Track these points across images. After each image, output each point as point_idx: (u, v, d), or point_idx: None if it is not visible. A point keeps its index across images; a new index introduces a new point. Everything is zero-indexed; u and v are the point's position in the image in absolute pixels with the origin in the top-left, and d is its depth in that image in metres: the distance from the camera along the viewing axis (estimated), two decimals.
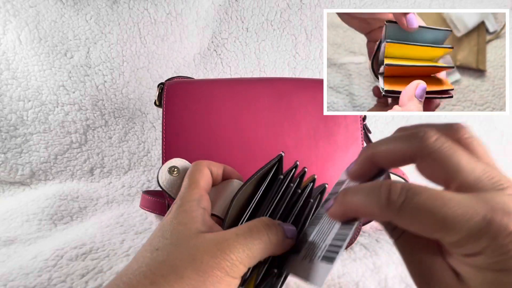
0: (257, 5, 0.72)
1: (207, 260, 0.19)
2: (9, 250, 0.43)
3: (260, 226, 0.21)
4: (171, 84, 0.46)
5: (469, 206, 0.15)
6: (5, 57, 0.61)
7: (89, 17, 0.63)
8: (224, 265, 0.19)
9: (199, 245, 0.20)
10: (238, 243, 0.20)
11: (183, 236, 0.21)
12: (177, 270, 0.18)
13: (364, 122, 0.46)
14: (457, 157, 0.17)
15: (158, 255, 0.19)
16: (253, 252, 0.20)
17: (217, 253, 0.19)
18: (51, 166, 0.65)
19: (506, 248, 0.14)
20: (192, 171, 0.26)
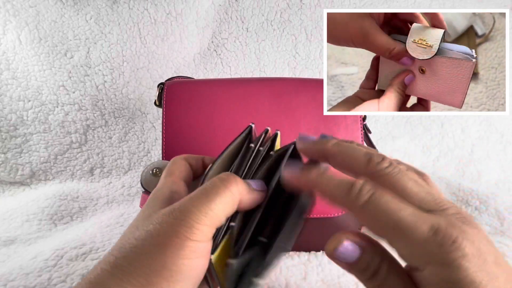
0: (257, 5, 0.72)
1: (163, 231, 0.18)
2: (9, 250, 0.43)
3: (216, 181, 0.20)
4: (171, 84, 0.46)
5: (420, 216, 0.17)
6: (5, 57, 0.61)
7: (89, 17, 0.63)
8: (182, 230, 0.18)
9: (154, 220, 0.19)
10: (193, 205, 0.19)
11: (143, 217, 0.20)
12: (136, 249, 0.18)
13: (364, 122, 0.46)
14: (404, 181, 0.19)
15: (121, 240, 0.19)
16: (213, 210, 0.19)
17: (171, 220, 0.18)
18: (51, 166, 0.65)
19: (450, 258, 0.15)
20: (168, 165, 0.26)
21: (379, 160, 0.20)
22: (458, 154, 0.78)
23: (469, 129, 0.78)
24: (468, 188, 0.63)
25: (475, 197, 0.60)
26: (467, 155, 0.78)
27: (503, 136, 0.79)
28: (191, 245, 0.18)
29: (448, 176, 0.72)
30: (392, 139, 0.77)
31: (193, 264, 0.18)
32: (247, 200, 0.21)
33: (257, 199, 0.22)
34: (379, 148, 0.74)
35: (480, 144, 0.78)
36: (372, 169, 0.20)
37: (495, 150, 0.79)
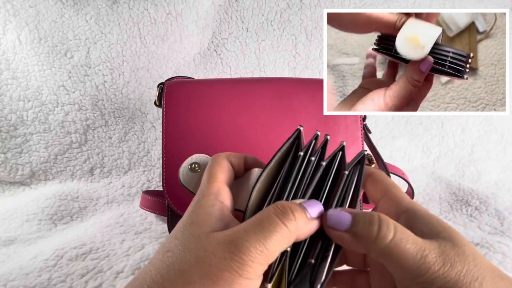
0: (257, 5, 0.72)
1: (215, 262, 0.17)
2: (9, 250, 0.43)
3: (272, 215, 0.19)
4: (171, 84, 0.46)
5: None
6: (5, 57, 0.61)
7: (89, 17, 0.63)
8: (234, 266, 0.17)
9: (207, 247, 0.18)
10: (248, 241, 0.18)
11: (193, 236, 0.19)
12: (185, 275, 0.17)
13: (364, 122, 0.46)
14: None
15: (168, 257, 0.18)
16: (268, 247, 0.18)
17: (225, 254, 0.17)
18: (51, 166, 0.65)
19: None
20: (210, 165, 0.24)
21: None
22: (458, 154, 0.78)
23: (469, 129, 0.78)
24: (468, 188, 0.63)
25: (475, 197, 0.60)
26: (467, 155, 0.78)
27: (503, 136, 0.79)
28: (241, 282, 0.17)
29: (448, 176, 0.72)
30: (392, 139, 0.77)
31: None
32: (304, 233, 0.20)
33: (314, 228, 0.20)
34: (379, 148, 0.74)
35: (480, 144, 0.78)
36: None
37: (495, 150, 0.79)
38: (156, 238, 0.45)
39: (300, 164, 0.23)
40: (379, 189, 0.23)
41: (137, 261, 0.39)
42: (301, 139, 0.25)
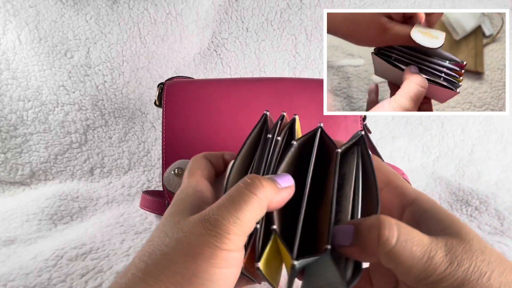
0: (257, 5, 0.72)
1: (194, 240, 0.18)
2: (9, 250, 0.43)
3: (241, 187, 0.20)
4: (171, 84, 0.46)
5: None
6: (5, 57, 0.61)
7: (89, 17, 0.63)
8: (212, 240, 0.18)
9: (184, 227, 0.19)
10: (220, 216, 0.18)
11: (172, 223, 0.20)
12: (167, 256, 0.18)
13: (364, 122, 0.46)
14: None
15: (150, 245, 0.19)
16: (240, 219, 0.19)
17: (201, 231, 0.18)
18: (51, 166, 0.65)
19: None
20: (189, 164, 0.26)
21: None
22: (458, 154, 0.78)
23: (469, 129, 0.78)
24: (468, 188, 0.63)
25: (475, 197, 0.60)
26: (467, 155, 0.78)
27: (503, 136, 0.79)
28: (222, 254, 0.18)
29: (448, 176, 0.72)
30: (392, 139, 0.77)
31: (224, 273, 0.18)
32: (276, 201, 0.21)
33: (286, 197, 0.21)
34: (379, 148, 0.74)
35: (480, 144, 0.78)
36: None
37: (495, 150, 0.79)
38: None
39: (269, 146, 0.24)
40: (379, 178, 0.22)
41: None
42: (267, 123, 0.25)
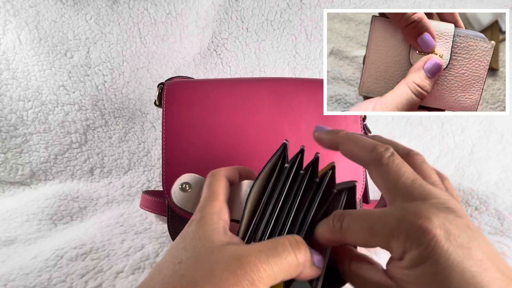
0: (257, 5, 0.72)
1: (226, 276, 0.18)
2: (9, 250, 0.43)
3: (287, 244, 0.20)
4: (171, 84, 0.46)
5: (388, 213, 0.19)
6: (5, 57, 0.61)
7: (89, 17, 0.63)
8: (244, 283, 0.18)
9: (219, 260, 0.19)
10: (260, 261, 0.19)
11: (204, 249, 0.20)
12: (197, 286, 0.18)
13: (364, 122, 0.46)
14: (399, 172, 0.20)
15: (180, 268, 0.19)
16: (275, 272, 0.19)
17: (236, 270, 0.18)
18: (51, 166, 0.65)
19: (419, 241, 0.17)
20: (210, 181, 0.25)
21: (382, 149, 0.22)
22: (458, 154, 0.78)
23: (469, 129, 0.78)
24: (468, 188, 0.63)
25: (475, 197, 0.60)
26: (467, 155, 0.78)
27: (503, 136, 0.79)
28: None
29: (448, 176, 0.72)
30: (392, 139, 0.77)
31: None
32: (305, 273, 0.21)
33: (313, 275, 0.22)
34: None
35: (480, 144, 0.78)
36: (375, 157, 0.21)
37: (495, 150, 0.79)
38: (156, 238, 0.45)
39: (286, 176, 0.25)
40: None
41: (137, 261, 0.39)
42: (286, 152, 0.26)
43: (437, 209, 0.18)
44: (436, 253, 0.17)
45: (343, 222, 0.21)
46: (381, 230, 0.19)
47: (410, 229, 0.17)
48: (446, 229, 0.17)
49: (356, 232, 0.20)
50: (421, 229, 0.17)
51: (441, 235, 0.17)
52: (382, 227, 0.19)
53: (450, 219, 0.18)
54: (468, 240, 0.17)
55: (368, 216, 0.20)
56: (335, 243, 0.22)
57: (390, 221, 0.18)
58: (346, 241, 0.21)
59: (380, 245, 0.19)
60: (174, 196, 0.28)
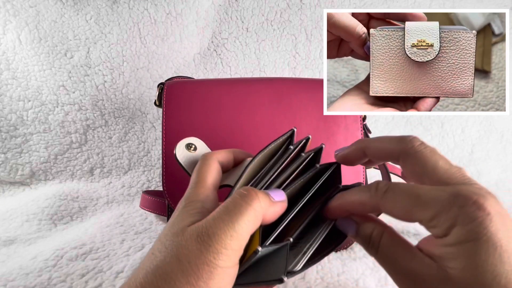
0: (257, 5, 0.72)
1: (193, 258, 0.18)
2: (9, 250, 0.43)
3: (237, 199, 0.20)
4: (171, 84, 0.46)
5: (439, 189, 0.19)
6: (5, 57, 0.61)
7: (89, 17, 0.63)
8: (211, 257, 0.18)
9: (182, 241, 0.19)
10: (217, 227, 0.18)
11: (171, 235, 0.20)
12: (168, 278, 0.18)
13: (364, 122, 0.46)
14: (436, 158, 0.21)
15: (152, 260, 0.19)
16: (237, 230, 0.19)
17: (200, 247, 0.18)
18: (51, 166, 0.65)
19: (474, 215, 0.17)
20: (200, 166, 0.25)
21: (411, 138, 0.22)
22: (458, 154, 0.78)
23: (469, 129, 0.78)
24: None
25: None
26: (467, 155, 0.78)
27: (503, 136, 0.79)
28: (220, 272, 0.18)
29: None
30: None
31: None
32: (270, 214, 0.21)
33: (279, 211, 0.22)
34: None
35: (480, 144, 0.78)
36: (405, 147, 0.21)
37: (495, 150, 0.79)
38: (156, 238, 0.45)
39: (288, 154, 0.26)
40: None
41: (137, 261, 0.39)
42: (293, 138, 0.28)
43: (485, 191, 0.18)
44: (490, 231, 0.16)
45: (388, 190, 0.20)
46: (430, 201, 0.18)
47: (465, 203, 0.17)
48: (498, 210, 0.17)
49: (400, 201, 0.19)
50: (476, 204, 0.17)
51: (496, 215, 0.17)
52: (432, 198, 0.18)
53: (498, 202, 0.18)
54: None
55: (416, 187, 0.19)
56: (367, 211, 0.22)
57: (442, 194, 0.18)
58: (384, 209, 0.20)
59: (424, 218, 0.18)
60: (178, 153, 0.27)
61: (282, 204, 0.22)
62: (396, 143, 0.22)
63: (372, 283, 0.35)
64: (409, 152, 0.21)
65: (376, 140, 0.24)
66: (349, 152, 0.25)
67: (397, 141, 0.22)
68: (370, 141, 0.24)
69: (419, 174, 0.21)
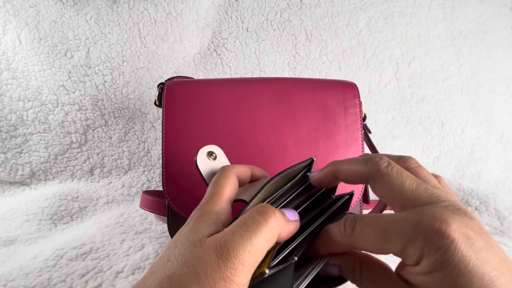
0: (257, 5, 0.72)
1: (210, 272, 0.18)
2: (9, 250, 0.43)
3: (255, 215, 0.20)
4: (171, 84, 0.46)
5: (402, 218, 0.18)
6: (5, 57, 0.61)
7: (89, 17, 0.63)
8: (228, 273, 0.18)
9: (201, 255, 0.19)
10: (236, 243, 0.18)
11: (189, 244, 0.20)
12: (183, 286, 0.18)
13: (364, 122, 0.46)
14: (402, 179, 0.20)
15: (168, 267, 0.19)
16: (255, 246, 0.19)
17: (219, 262, 0.18)
18: (51, 166, 0.65)
19: (437, 245, 0.17)
20: (218, 177, 0.25)
21: (377, 159, 0.21)
22: (458, 154, 0.78)
23: (469, 129, 0.78)
24: (468, 188, 0.63)
25: (475, 197, 0.60)
26: (467, 155, 0.78)
27: (503, 136, 0.79)
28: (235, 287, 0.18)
29: (448, 176, 0.72)
30: (392, 139, 0.77)
31: None
32: (284, 232, 0.21)
33: (293, 230, 0.22)
34: (379, 148, 0.74)
35: (480, 144, 0.78)
36: (373, 168, 0.21)
37: (495, 150, 0.79)
38: (156, 238, 0.45)
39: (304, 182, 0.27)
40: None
41: (137, 261, 0.39)
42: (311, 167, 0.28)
43: (451, 211, 0.18)
44: (456, 259, 0.16)
45: (356, 226, 0.20)
46: (396, 235, 0.18)
47: (428, 233, 0.17)
48: (464, 232, 0.17)
49: (368, 237, 0.19)
50: (439, 233, 0.17)
51: (461, 240, 0.16)
52: (397, 231, 0.18)
53: (465, 221, 0.17)
54: (484, 243, 0.17)
55: (382, 220, 0.19)
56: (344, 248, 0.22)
57: (405, 225, 0.18)
58: (356, 246, 0.20)
59: (393, 251, 0.18)
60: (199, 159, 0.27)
61: (296, 224, 0.22)
62: (363, 165, 0.22)
63: None
64: (375, 175, 0.21)
65: (346, 162, 0.23)
66: (321, 176, 0.25)
67: (364, 163, 0.22)
68: (340, 163, 0.24)
69: (388, 196, 0.21)
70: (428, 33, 0.77)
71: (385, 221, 0.19)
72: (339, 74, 0.75)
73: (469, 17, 0.78)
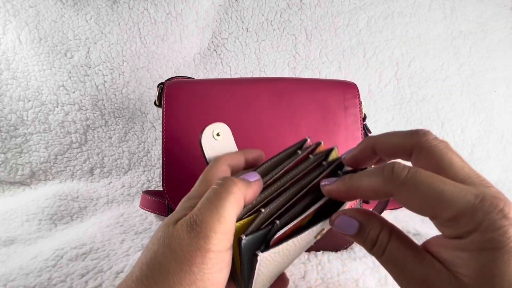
0: (257, 5, 0.72)
1: (185, 245, 0.19)
2: (9, 250, 0.43)
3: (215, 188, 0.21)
4: (171, 84, 0.46)
5: (463, 187, 0.17)
6: (5, 57, 0.61)
7: (89, 17, 0.63)
8: (201, 242, 0.18)
9: (174, 233, 0.19)
10: (203, 215, 0.19)
11: (164, 227, 0.20)
12: (162, 268, 0.18)
13: (364, 122, 0.46)
14: (450, 154, 0.19)
15: (147, 252, 0.20)
16: (221, 214, 0.19)
17: (190, 234, 0.19)
18: (51, 166, 0.65)
19: (499, 224, 0.16)
20: (209, 168, 0.25)
21: (424, 132, 0.20)
22: None
23: (469, 129, 0.78)
24: None
25: None
26: (467, 155, 0.78)
27: (503, 136, 0.79)
28: (212, 256, 0.19)
29: None
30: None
31: (216, 278, 0.19)
32: (249, 195, 0.22)
33: (257, 190, 0.23)
34: None
35: (480, 144, 0.78)
36: (419, 141, 0.20)
37: (495, 150, 0.79)
38: None
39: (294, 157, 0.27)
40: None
41: None
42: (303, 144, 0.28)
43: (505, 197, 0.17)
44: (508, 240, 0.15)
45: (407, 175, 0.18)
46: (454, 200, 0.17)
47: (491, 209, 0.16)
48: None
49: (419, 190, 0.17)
50: (502, 213, 0.16)
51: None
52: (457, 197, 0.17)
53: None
54: None
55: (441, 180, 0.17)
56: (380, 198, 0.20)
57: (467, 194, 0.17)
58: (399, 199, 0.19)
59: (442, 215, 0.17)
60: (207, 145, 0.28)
61: (258, 183, 0.23)
62: (408, 137, 0.21)
63: (372, 283, 0.35)
64: (423, 146, 0.20)
65: (385, 136, 0.22)
66: (357, 152, 0.23)
67: (409, 135, 0.21)
68: (379, 137, 0.22)
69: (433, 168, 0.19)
70: (428, 33, 0.77)
71: (444, 182, 0.17)
72: (339, 74, 0.75)
73: (469, 17, 0.78)
